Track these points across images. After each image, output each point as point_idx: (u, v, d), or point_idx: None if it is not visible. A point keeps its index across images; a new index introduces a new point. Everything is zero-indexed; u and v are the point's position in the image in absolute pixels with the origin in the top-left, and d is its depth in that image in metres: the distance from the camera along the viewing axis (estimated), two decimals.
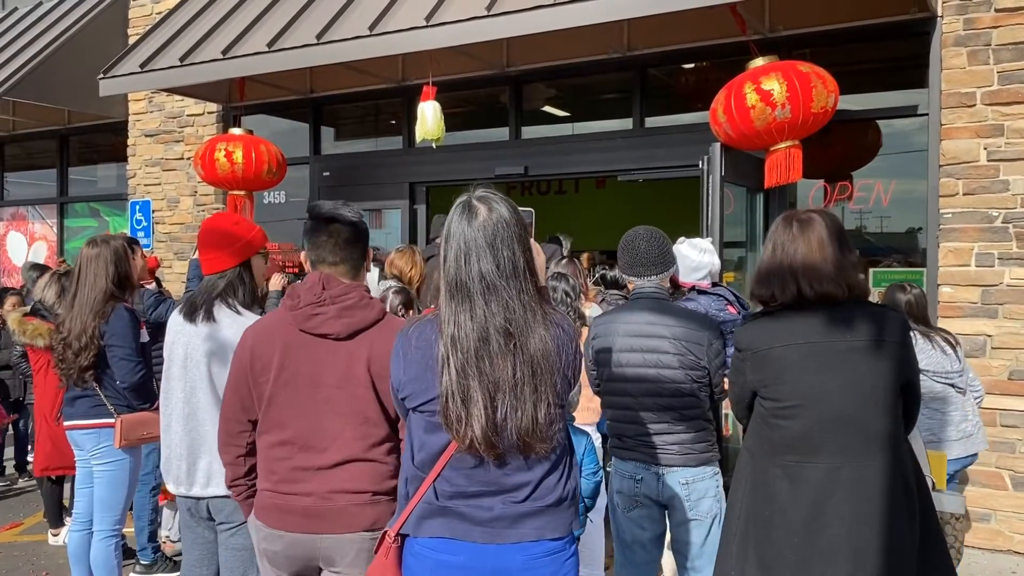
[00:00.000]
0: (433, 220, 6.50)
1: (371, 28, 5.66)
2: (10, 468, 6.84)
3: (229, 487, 2.62)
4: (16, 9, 9.58)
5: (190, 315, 3.05)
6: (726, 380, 3.34)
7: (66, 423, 4.02)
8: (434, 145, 5.99)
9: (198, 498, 3.04)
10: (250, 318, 2.95)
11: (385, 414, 2.44)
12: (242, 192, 6.81)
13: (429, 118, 5.77)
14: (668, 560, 3.96)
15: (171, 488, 3.14)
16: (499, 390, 1.95)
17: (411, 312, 4.51)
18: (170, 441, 3.10)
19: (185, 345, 3.05)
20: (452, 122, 6.04)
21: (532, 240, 2.16)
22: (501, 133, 7.07)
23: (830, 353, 2.35)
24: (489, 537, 2.03)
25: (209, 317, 3.01)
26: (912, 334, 2.69)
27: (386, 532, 2.16)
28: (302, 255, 2.77)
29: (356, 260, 2.54)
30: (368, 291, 2.55)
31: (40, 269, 7.31)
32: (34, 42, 8.52)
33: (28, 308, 3.92)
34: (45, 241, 9.75)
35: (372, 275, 6.26)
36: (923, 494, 2.41)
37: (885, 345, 2.34)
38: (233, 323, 2.97)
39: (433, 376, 2.00)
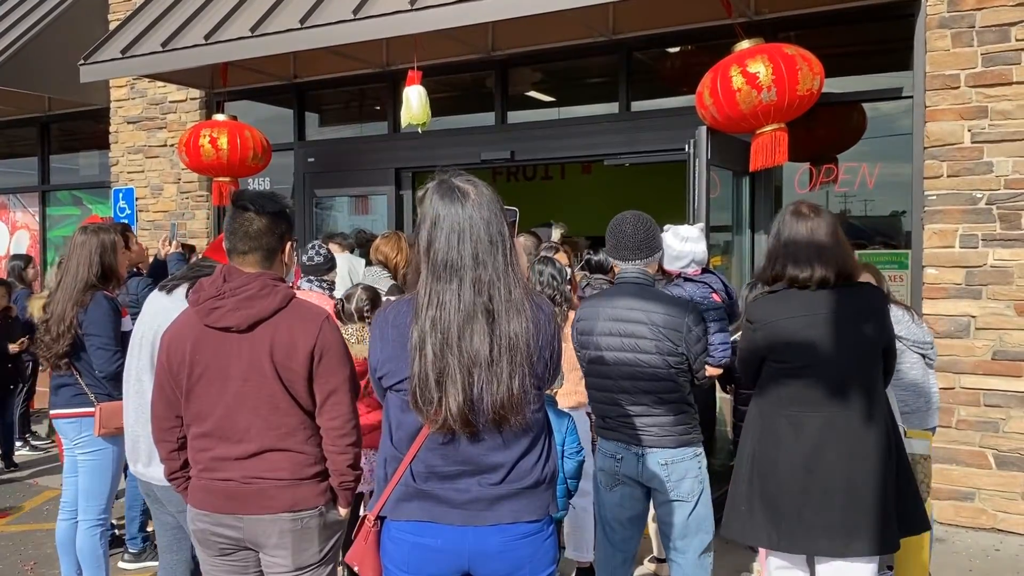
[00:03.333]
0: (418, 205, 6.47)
1: (355, 12, 5.62)
2: None
3: (168, 480, 2.67)
4: None
5: (165, 287, 3.15)
6: (708, 368, 3.36)
7: (51, 412, 4.02)
8: (420, 130, 5.97)
9: (147, 482, 3.10)
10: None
11: (296, 403, 2.48)
12: (227, 179, 6.77)
13: (414, 103, 5.74)
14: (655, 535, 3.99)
15: (131, 466, 3.21)
16: (476, 366, 1.96)
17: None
18: (127, 418, 3.19)
19: (139, 324, 3.15)
20: (438, 107, 6.02)
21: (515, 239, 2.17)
22: (487, 118, 7.04)
23: (829, 322, 2.79)
24: (466, 519, 2.05)
25: (171, 290, 3.09)
26: (891, 306, 3.25)
27: (365, 516, 2.18)
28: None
29: (268, 249, 2.54)
30: (278, 279, 2.55)
31: (26, 260, 7.28)
32: (13, 28, 8.41)
33: (46, 294, 3.95)
34: (27, 230, 9.66)
35: (359, 261, 6.25)
36: (897, 437, 2.94)
37: (872, 314, 2.86)
38: (181, 305, 2.90)
39: (407, 355, 2.01)
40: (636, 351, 3.14)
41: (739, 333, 4.30)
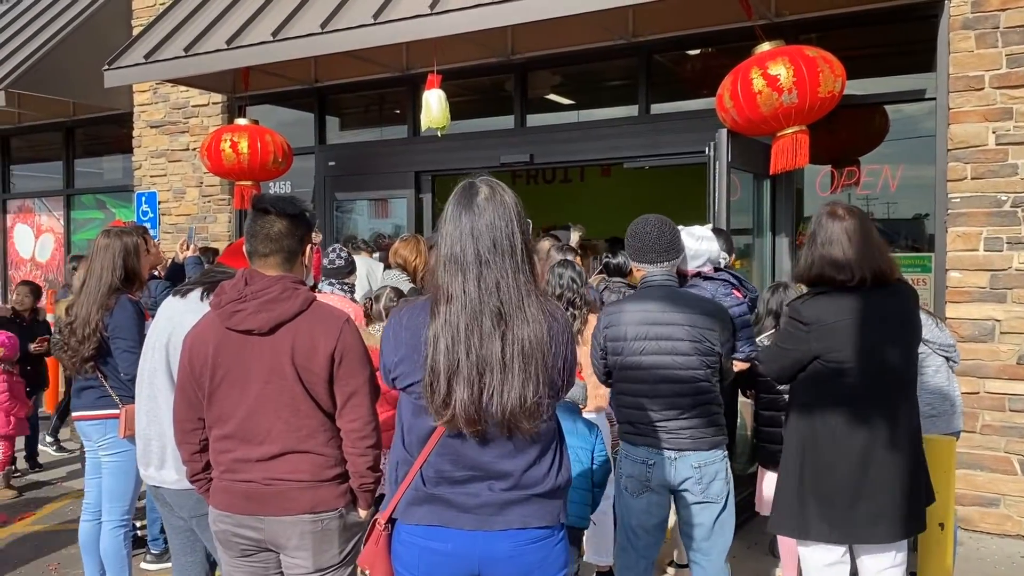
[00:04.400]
0: (441, 209, 6.49)
1: (375, 16, 5.65)
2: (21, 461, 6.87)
3: (191, 482, 2.69)
4: (20, 1, 9.57)
5: (179, 291, 3.16)
6: (735, 363, 3.35)
7: (74, 414, 4.06)
8: (439, 134, 5.98)
9: (157, 486, 3.12)
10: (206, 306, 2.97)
11: (316, 405, 2.49)
12: (249, 182, 6.82)
13: (434, 106, 5.76)
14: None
15: (141, 471, 3.22)
16: (487, 368, 1.97)
17: None
18: (139, 422, 3.19)
19: (153, 327, 3.17)
20: (457, 110, 6.03)
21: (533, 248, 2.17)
22: (506, 121, 7.05)
23: (878, 322, 2.91)
24: (476, 524, 2.05)
25: (184, 294, 3.10)
26: None
27: (376, 519, 2.18)
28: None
29: (288, 251, 2.57)
30: (299, 282, 2.56)
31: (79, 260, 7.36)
32: (38, 34, 8.53)
33: (72, 298, 4.00)
34: (52, 233, 9.78)
35: (377, 265, 6.27)
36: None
37: (912, 314, 3.02)
38: (195, 308, 2.95)
39: (420, 357, 2.02)
40: (673, 354, 3.11)
41: (765, 334, 4.30)
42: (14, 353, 6.22)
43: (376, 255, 6.89)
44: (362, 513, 2.62)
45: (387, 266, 5.87)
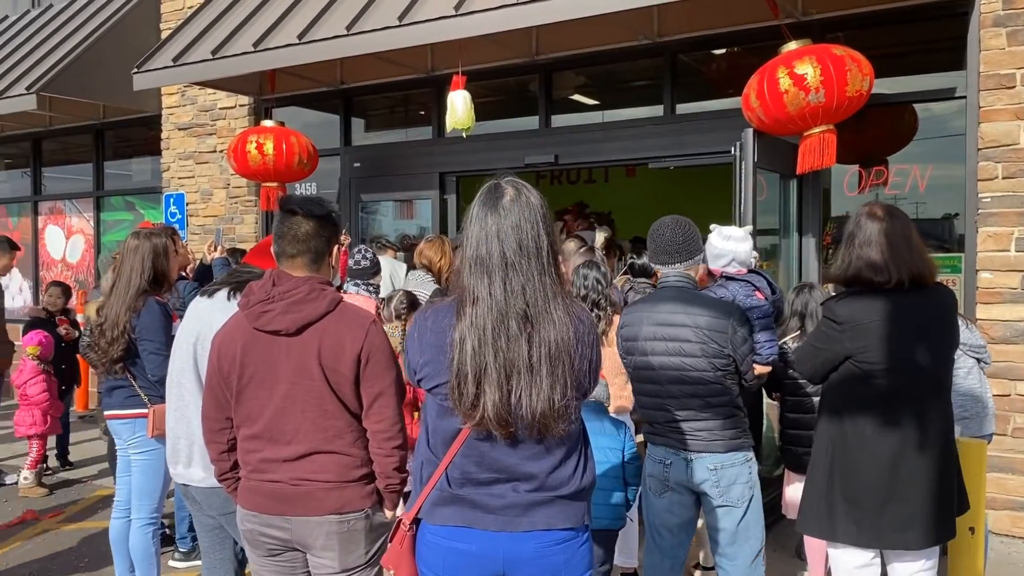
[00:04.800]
0: (466, 210, 6.50)
1: (400, 18, 5.67)
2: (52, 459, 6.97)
3: (219, 481, 2.72)
4: (51, 6, 9.72)
5: (207, 292, 3.21)
6: (757, 366, 3.33)
7: (105, 413, 4.12)
8: (464, 135, 6.00)
9: (185, 484, 3.16)
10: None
11: (343, 405, 2.51)
12: (274, 184, 6.87)
13: (459, 108, 5.77)
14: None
15: (170, 468, 3.27)
16: (515, 370, 1.96)
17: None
18: (168, 421, 3.24)
19: (181, 328, 3.22)
20: (482, 111, 6.04)
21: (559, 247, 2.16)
22: (531, 122, 7.05)
23: (914, 324, 2.88)
24: (501, 525, 2.05)
25: (212, 294, 3.14)
26: None
27: (400, 519, 2.19)
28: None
29: (315, 252, 2.59)
30: (326, 283, 2.59)
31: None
32: (69, 38, 8.64)
33: (102, 299, 4.06)
34: (82, 235, 9.91)
35: (401, 265, 6.30)
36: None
37: (950, 317, 2.97)
38: (220, 308, 3.02)
39: (446, 359, 2.02)
40: (681, 355, 3.12)
41: (790, 335, 4.27)
42: (51, 352, 6.32)
43: (400, 255, 6.93)
44: (388, 514, 2.63)
45: (412, 267, 5.89)
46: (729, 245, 3.90)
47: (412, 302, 4.38)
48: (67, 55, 8.26)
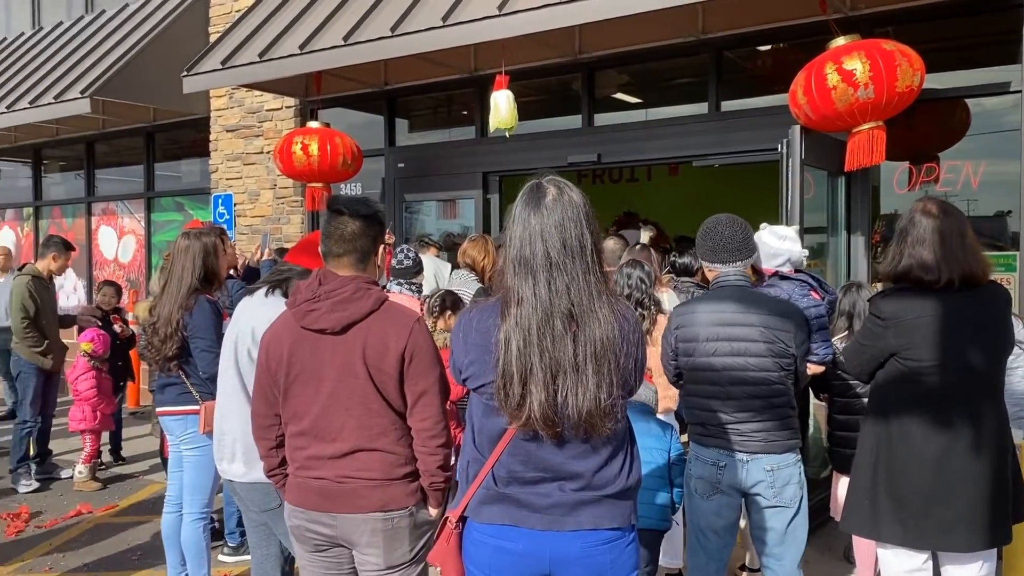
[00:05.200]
0: (508, 209, 6.52)
1: (444, 19, 5.70)
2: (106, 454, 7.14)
3: (267, 476, 2.77)
4: (104, 12, 9.94)
5: (250, 291, 3.31)
6: (810, 366, 3.29)
7: (157, 409, 4.21)
8: (507, 134, 6.01)
9: (230, 479, 3.22)
10: (275, 304, 3.09)
11: (387, 404, 2.53)
12: (319, 184, 6.96)
13: (502, 107, 5.78)
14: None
15: (217, 464, 3.35)
16: (560, 370, 1.96)
17: (451, 316, 4.73)
18: (216, 417, 3.33)
19: (229, 327, 3.31)
20: (524, 110, 6.04)
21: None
22: (574, 121, 7.03)
23: (963, 323, 2.84)
24: (547, 524, 2.05)
25: (254, 293, 3.24)
26: None
27: (447, 517, 2.20)
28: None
29: (361, 251, 2.62)
30: (372, 282, 2.62)
31: None
32: (121, 42, 8.84)
33: (152, 299, 4.17)
34: (134, 235, 10.13)
35: (445, 265, 6.34)
36: (1010, 433, 2.98)
37: (1002, 316, 2.92)
38: (258, 305, 3.15)
39: (492, 359, 2.02)
40: (746, 355, 3.07)
41: (838, 335, 4.21)
42: (105, 350, 6.48)
43: (444, 254, 6.96)
44: (432, 512, 2.65)
45: (456, 266, 5.93)
46: (785, 244, 3.86)
47: (448, 301, 4.44)
48: (119, 59, 8.45)
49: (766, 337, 3.05)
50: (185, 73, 7.28)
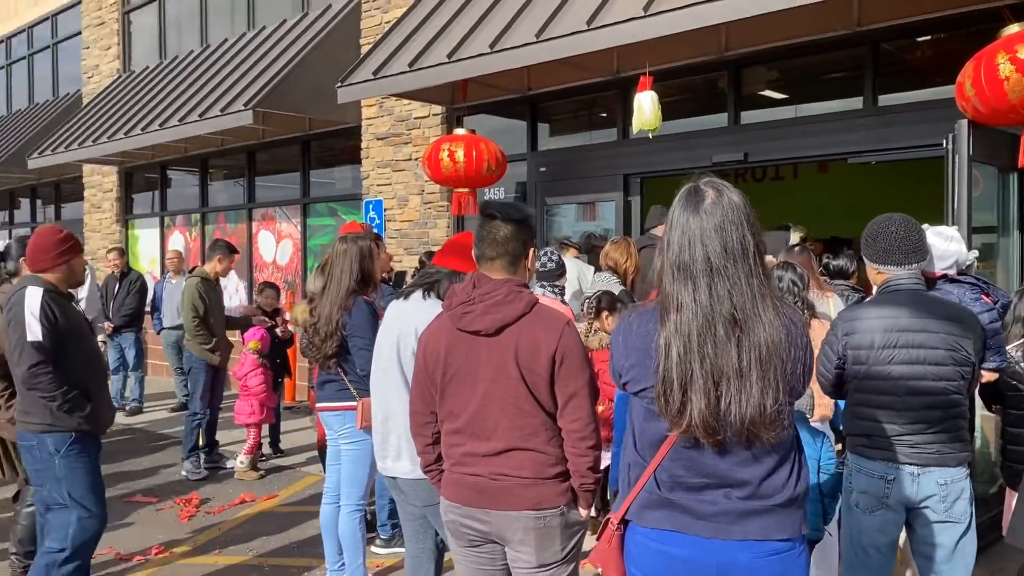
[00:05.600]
0: (650, 211, 6.46)
1: (589, 22, 5.72)
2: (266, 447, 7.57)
3: (424, 472, 2.85)
4: (264, 28, 10.55)
5: (402, 294, 3.44)
6: (983, 374, 3.09)
7: (317, 404, 4.43)
8: (650, 135, 5.96)
9: (392, 476, 3.32)
10: (432, 306, 3.18)
11: (539, 404, 2.56)
12: (466, 189, 7.12)
13: (646, 108, 5.74)
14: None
15: (378, 463, 3.46)
16: (723, 376, 1.93)
17: (607, 316, 4.70)
18: (375, 418, 3.44)
19: (382, 329, 3.44)
20: (667, 110, 5.98)
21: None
22: (719, 120, 6.90)
23: None
24: (713, 532, 2.01)
25: (407, 296, 3.37)
26: None
27: (609, 518, 2.21)
28: None
29: (513, 255, 2.68)
30: (523, 285, 2.67)
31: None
32: (280, 57, 9.35)
33: (313, 300, 4.42)
34: (291, 239, 10.69)
35: (588, 267, 6.35)
36: None
37: None
38: (417, 307, 3.27)
39: (652, 363, 2.00)
40: (926, 363, 2.91)
41: (1013, 343, 3.93)
42: (267, 347, 6.89)
43: (583, 256, 6.98)
44: (583, 512, 2.67)
45: (597, 268, 5.93)
46: (952, 246, 3.65)
47: (605, 302, 4.47)
48: (278, 73, 8.95)
49: (948, 344, 2.89)
50: (339, 84, 7.62)
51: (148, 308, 9.70)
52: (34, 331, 3.66)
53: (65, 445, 3.75)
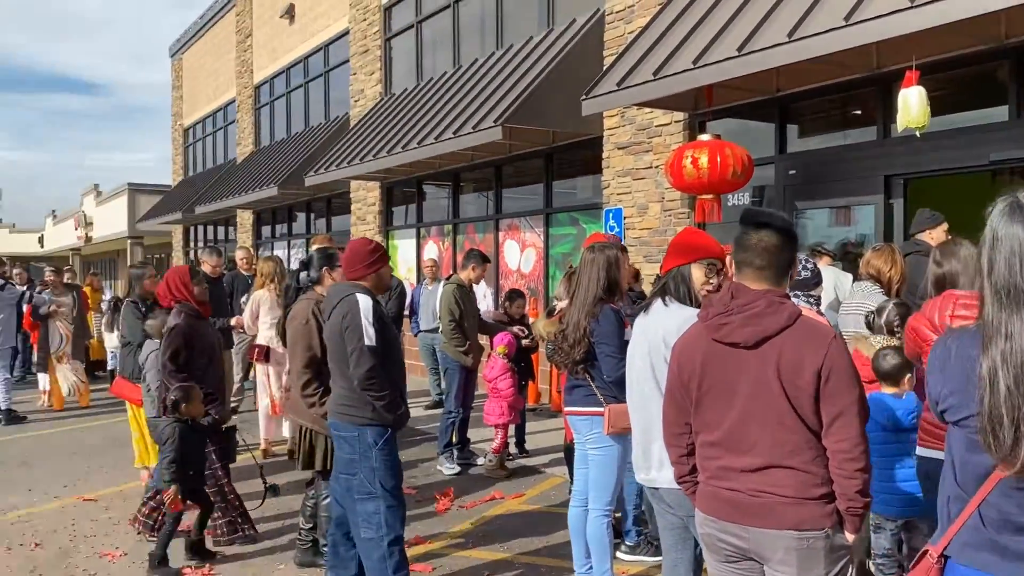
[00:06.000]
0: (916, 215, 6.00)
1: (847, 18, 5.43)
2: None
3: (677, 483, 2.82)
4: (511, 46, 11.01)
5: (645, 307, 3.50)
6: None
7: (565, 409, 4.56)
8: (918, 133, 5.54)
9: (655, 487, 3.29)
10: (676, 311, 3.18)
11: (802, 421, 2.43)
12: (709, 196, 7.01)
13: (913, 105, 5.35)
14: None
15: (637, 474, 3.46)
16: None
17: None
18: (634, 429, 3.47)
19: (632, 341, 3.51)
20: (935, 105, 5.54)
21: None
22: (998, 113, 6.26)
23: None
24: None
25: (647, 309, 3.44)
26: None
27: (927, 550, 2.05)
28: (727, 258, 2.90)
29: (779, 266, 2.59)
30: (784, 296, 2.55)
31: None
32: (527, 73, 9.72)
33: (562, 307, 4.60)
34: (534, 248, 11.06)
35: (846, 276, 6.01)
36: None
37: None
38: (660, 315, 3.32)
39: (974, 390, 1.84)
40: None
41: None
42: (514, 352, 7.19)
43: (838, 264, 6.61)
44: (849, 537, 2.54)
45: (856, 277, 5.59)
46: None
47: (904, 315, 4.22)
48: (525, 89, 9.30)
49: None
50: (583, 97, 7.79)
51: (407, 312, 10.41)
52: (370, 335, 3.98)
53: (382, 439, 4.08)
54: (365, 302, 4.03)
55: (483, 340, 7.66)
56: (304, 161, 15.28)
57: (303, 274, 5.01)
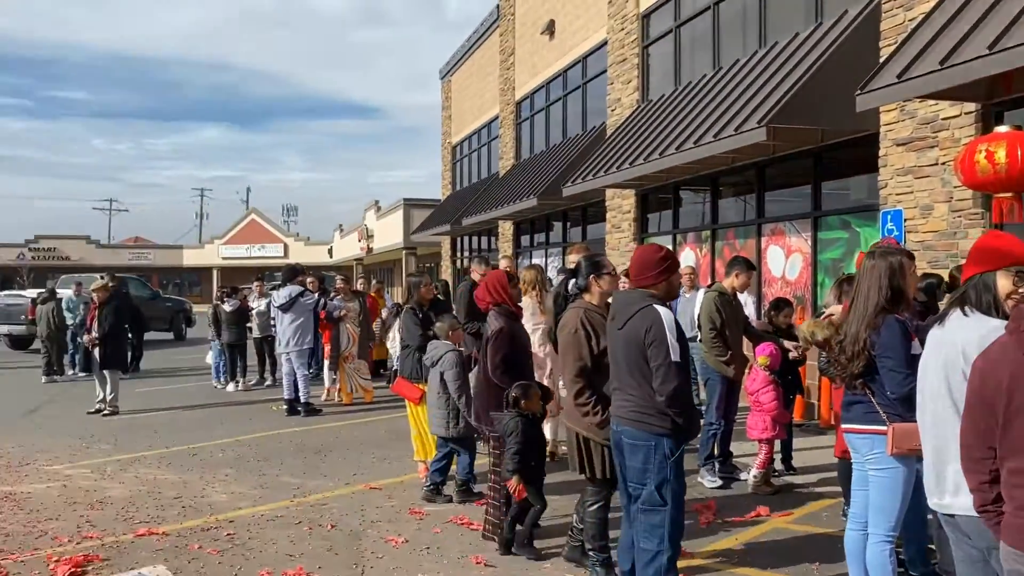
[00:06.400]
0: None
1: None
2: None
3: (978, 512, 2.57)
4: (776, 43, 10.59)
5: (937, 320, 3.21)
6: None
7: (843, 426, 4.30)
8: None
9: (949, 514, 3.00)
10: (977, 322, 2.89)
11: None
12: (1008, 194, 6.30)
13: None
14: None
15: (928, 499, 3.17)
16: None
17: None
18: (926, 451, 3.19)
19: (927, 350, 3.23)
20: None
21: None
22: None
23: None
24: None
25: (941, 320, 3.13)
26: None
27: None
28: None
29: None
30: None
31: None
32: (793, 71, 9.31)
33: (822, 315, 4.37)
34: (800, 253, 10.53)
35: None
36: None
37: None
38: (958, 327, 3.01)
39: None
40: None
41: None
42: (778, 364, 6.90)
43: None
44: None
45: None
46: None
47: None
48: (792, 87, 8.91)
49: None
50: (858, 92, 7.31)
51: None
52: (676, 351, 4.07)
53: (678, 450, 4.16)
54: (668, 316, 4.08)
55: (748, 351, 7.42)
56: (562, 172, 15.71)
57: (571, 282, 5.14)
